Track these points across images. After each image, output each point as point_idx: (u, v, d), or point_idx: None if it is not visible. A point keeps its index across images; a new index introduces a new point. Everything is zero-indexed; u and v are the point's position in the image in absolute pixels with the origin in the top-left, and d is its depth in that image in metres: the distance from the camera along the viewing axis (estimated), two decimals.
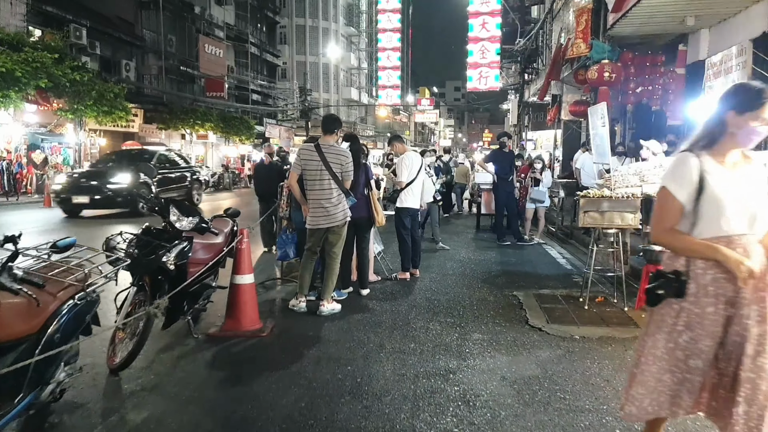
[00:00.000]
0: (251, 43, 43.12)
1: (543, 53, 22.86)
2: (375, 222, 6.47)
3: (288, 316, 5.73)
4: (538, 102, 23.45)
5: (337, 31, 57.28)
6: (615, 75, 11.12)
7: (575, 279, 7.68)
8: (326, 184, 5.54)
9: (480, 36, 32.79)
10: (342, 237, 5.75)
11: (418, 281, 7.43)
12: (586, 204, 6.07)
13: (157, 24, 32.17)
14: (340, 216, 5.62)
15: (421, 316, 5.74)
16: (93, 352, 4.29)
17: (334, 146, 5.66)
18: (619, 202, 6.02)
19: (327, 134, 5.68)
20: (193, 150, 34.53)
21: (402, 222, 7.45)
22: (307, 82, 47.48)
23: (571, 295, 6.69)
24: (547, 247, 10.48)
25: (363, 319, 5.61)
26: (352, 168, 5.66)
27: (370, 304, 6.21)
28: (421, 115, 72.45)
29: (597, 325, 5.56)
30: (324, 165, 5.50)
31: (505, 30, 32.36)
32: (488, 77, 33.35)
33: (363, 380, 4.07)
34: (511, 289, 7.03)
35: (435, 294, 6.74)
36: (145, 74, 31.95)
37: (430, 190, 9.04)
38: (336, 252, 5.75)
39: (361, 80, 63.82)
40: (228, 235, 5.36)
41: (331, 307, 5.72)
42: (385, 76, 50.01)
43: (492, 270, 8.26)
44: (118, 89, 22.66)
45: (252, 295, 5.19)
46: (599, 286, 6.87)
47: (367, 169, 6.42)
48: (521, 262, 8.88)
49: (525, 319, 5.69)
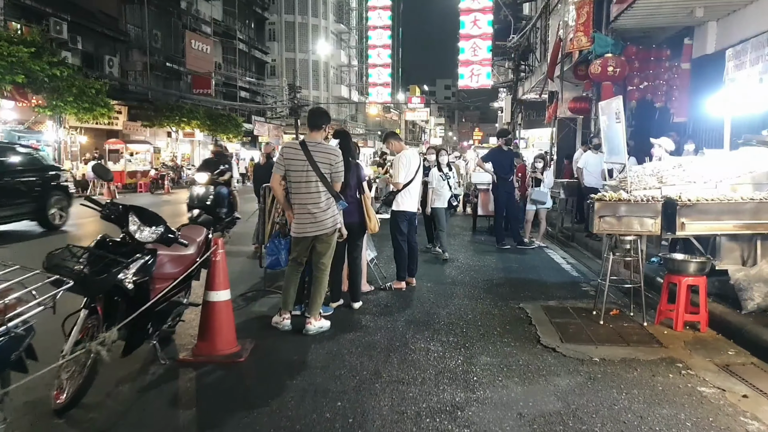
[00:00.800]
0: (239, 39, 42.32)
1: (538, 49, 22.30)
2: (367, 228, 5.83)
3: (270, 335, 5.09)
4: (532, 99, 22.91)
5: (327, 28, 56.55)
6: (619, 69, 10.55)
7: (584, 288, 7.09)
8: (313, 186, 4.90)
9: (471, 33, 32.39)
10: (331, 246, 5.11)
11: (415, 291, 6.81)
12: (602, 208, 5.47)
13: (141, 19, 31.36)
14: (329, 223, 4.99)
15: (420, 335, 5.13)
16: (37, 387, 3.61)
17: (321, 144, 5.02)
18: (638, 206, 5.43)
19: (314, 130, 5.04)
20: (179, 148, 33.73)
21: (398, 227, 6.84)
22: (297, 79, 46.78)
23: (583, 307, 6.10)
24: (549, 251, 9.91)
25: (355, 339, 4.98)
26: (342, 168, 5.03)
27: (363, 319, 5.59)
28: (412, 114, 71.87)
29: (616, 343, 4.97)
30: (311, 165, 4.86)
31: (497, 27, 31.97)
32: (480, 75, 32.93)
33: (356, 420, 3.45)
34: (517, 299, 6.44)
35: (434, 306, 6.12)
36: (129, 70, 31.07)
37: (443, 193, 8.68)
38: (325, 263, 5.11)
39: (351, 78, 63.09)
40: (201, 244, 4.71)
41: (319, 325, 5.09)
42: (376, 74, 49.39)
43: (494, 277, 7.66)
44: (99, 85, 21.90)
45: (228, 313, 4.55)
46: (611, 296, 6.28)
47: (358, 169, 5.79)
48: (524, 269, 8.29)
49: (536, 337, 5.09)
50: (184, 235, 4.39)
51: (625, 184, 6.04)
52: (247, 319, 5.55)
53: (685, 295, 5.28)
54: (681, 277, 5.31)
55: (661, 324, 5.47)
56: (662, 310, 5.54)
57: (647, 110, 11.91)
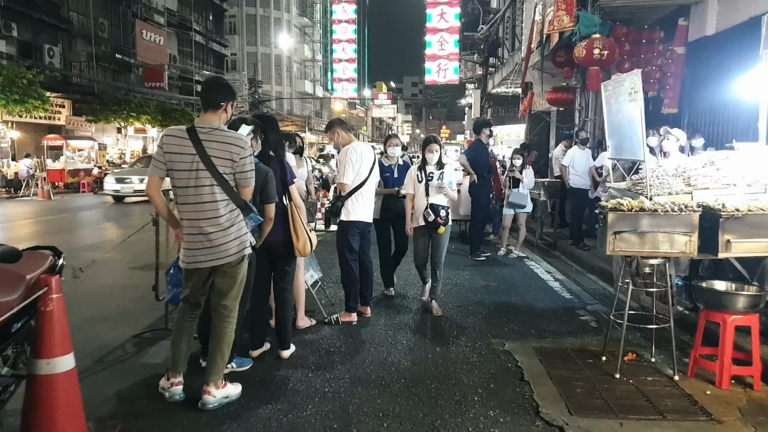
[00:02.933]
0: (195, 31, 40.11)
1: (508, 40, 20.96)
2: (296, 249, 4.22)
3: (151, 409, 3.49)
4: (503, 94, 21.60)
5: (290, 22, 54.70)
6: (608, 52, 9.18)
7: (582, 317, 5.65)
8: (207, 193, 3.31)
9: (438, 27, 31.51)
10: (238, 281, 3.52)
11: (369, 326, 5.27)
12: (619, 221, 4.01)
13: (86, 6, 29.03)
14: (233, 247, 3.40)
15: (370, 405, 3.59)
16: None
17: (220, 130, 3.42)
18: (666, 219, 3.98)
19: (208, 110, 3.43)
20: (129, 145, 31.50)
21: (347, 242, 5.27)
22: (258, 73, 44.89)
23: (588, 349, 4.65)
24: (531, 263, 8.47)
25: (274, 417, 3.41)
26: (252, 166, 3.44)
27: (293, 378, 4.01)
28: (379, 110, 70.30)
29: (645, 413, 3.51)
30: (202, 162, 3.27)
31: (464, 20, 31.01)
32: (447, 70, 32.03)
33: None
34: (501, 336, 4.96)
35: (393, 352, 4.58)
36: (72, 61, 28.73)
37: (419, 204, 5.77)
38: (228, 306, 3.51)
39: (315, 73, 61.29)
40: (32, 283, 3.08)
41: (222, 395, 3.50)
42: (341, 69, 48.26)
43: (469, 302, 6.16)
44: (32, 75, 19.82)
45: (69, 391, 2.93)
46: (616, 328, 4.81)
47: (283, 166, 4.20)
48: (505, 289, 6.81)
49: (533, 404, 3.60)
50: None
51: (642, 188, 4.60)
52: (130, 377, 3.94)
53: (732, 338, 3.87)
54: (725, 314, 3.89)
55: (696, 377, 4.05)
56: (697, 357, 4.11)
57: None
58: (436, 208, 5.44)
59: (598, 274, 7.63)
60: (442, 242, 5.61)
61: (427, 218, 5.44)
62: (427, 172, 5.58)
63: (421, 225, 5.56)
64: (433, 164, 5.63)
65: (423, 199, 5.52)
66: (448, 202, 5.63)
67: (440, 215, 5.44)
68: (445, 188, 5.51)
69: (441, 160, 5.71)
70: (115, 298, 6.14)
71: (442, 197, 5.55)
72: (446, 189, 5.51)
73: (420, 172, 5.64)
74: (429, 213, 5.43)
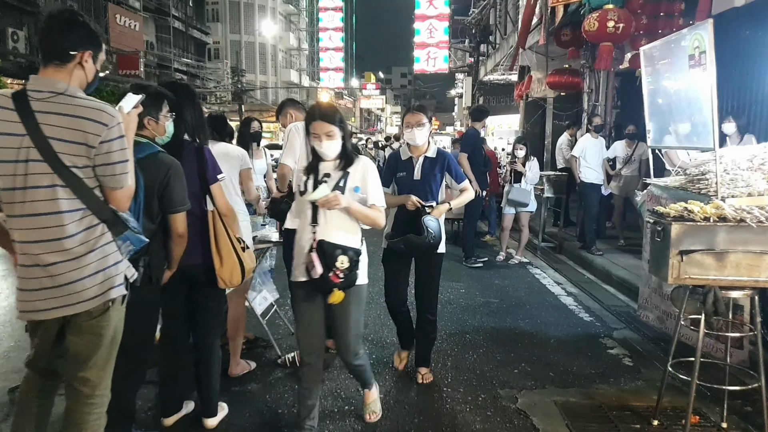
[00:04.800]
0: (174, 17, 38.48)
1: (503, 23, 19.69)
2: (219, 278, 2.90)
3: None
4: (495, 82, 20.33)
5: (274, 9, 53.11)
6: (623, 25, 7.93)
7: (610, 349, 4.43)
8: (43, 199, 2.00)
9: (427, 14, 30.28)
10: (105, 341, 2.17)
11: (333, 369, 3.99)
12: (688, 234, 2.76)
13: None
14: (93, 287, 2.08)
15: None
16: None
17: (70, 96, 2.11)
18: (759, 233, 2.74)
19: (51, 63, 2.16)
20: None
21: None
22: (242, 62, 43.30)
23: (627, 402, 3.41)
24: (535, 270, 7.24)
25: None
26: (126, 154, 2.11)
27: None
28: (367, 101, 68.85)
29: None
30: (36, 147, 1.97)
31: (454, 7, 29.85)
32: (437, 58, 30.76)
33: None
34: (510, 383, 3.72)
35: (362, 417, 3.32)
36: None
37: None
38: (91, 381, 2.16)
39: (301, 62, 59.67)
40: None
41: None
42: (327, 58, 46.82)
43: (466, 328, 4.90)
44: None
45: None
46: (655, 364, 3.53)
47: (202, 156, 2.87)
48: (509, 308, 5.56)
49: None
50: None
51: (705, 186, 3.35)
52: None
53: None
54: None
55: None
56: None
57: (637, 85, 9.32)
58: (331, 251, 2.69)
59: (616, 285, 6.41)
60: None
61: (309, 270, 2.71)
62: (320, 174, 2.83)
63: (302, 281, 2.82)
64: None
65: (307, 230, 2.81)
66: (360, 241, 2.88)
67: (337, 266, 2.67)
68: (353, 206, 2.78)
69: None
70: None
71: (354, 225, 2.86)
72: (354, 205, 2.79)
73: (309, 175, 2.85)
74: (314, 260, 2.68)
